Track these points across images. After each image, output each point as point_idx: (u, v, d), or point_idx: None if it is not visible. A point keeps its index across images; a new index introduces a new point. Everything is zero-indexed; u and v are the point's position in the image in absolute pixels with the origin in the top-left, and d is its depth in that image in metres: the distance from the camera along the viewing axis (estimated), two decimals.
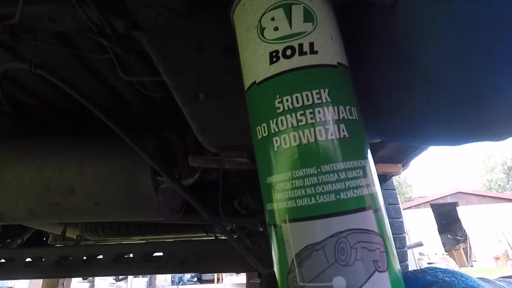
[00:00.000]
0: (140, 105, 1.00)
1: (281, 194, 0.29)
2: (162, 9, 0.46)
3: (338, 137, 0.30)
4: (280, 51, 0.32)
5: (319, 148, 0.29)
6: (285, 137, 0.30)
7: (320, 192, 0.28)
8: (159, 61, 0.50)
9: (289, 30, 0.32)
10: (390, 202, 1.65)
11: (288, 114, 0.30)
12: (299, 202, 0.28)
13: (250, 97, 0.35)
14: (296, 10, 0.33)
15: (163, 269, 1.26)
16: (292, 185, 0.29)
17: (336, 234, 0.27)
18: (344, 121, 0.31)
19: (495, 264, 11.60)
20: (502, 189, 24.05)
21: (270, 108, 0.31)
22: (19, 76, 0.85)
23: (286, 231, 0.29)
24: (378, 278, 0.27)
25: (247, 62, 0.35)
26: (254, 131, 0.34)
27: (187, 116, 0.54)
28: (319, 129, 0.30)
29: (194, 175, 0.96)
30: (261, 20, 0.34)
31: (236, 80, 0.50)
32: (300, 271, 0.28)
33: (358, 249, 0.27)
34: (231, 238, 0.95)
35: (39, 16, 0.53)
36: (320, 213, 0.28)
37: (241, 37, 0.36)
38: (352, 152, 0.30)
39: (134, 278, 11.26)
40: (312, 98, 0.30)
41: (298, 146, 0.29)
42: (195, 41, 0.49)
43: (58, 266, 1.30)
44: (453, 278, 0.33)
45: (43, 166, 0.84)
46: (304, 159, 0.29)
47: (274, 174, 0.30)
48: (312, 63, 0.32)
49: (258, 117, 0.33)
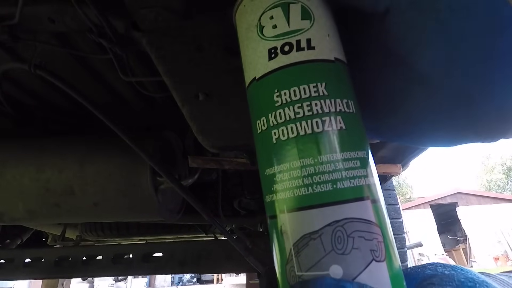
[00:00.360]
0: (140, 106, 1.00)
1: (280, 185, 0.30)
2: (162, 10, 0.46)
3: (335, 128, 0.31)
4: (278, 47, 0.33)
5: (316, 139, 0.30)
6: (283, 129, 0.31)
7: (317, 182, 0.28)
8: (159, 62, 0.50)
9: (287, 27, 0.34)
10: (390, 203, 1.65)
11: (286, 107, 0.31)
12: (296, 192, 0.29)
13: (251, 93, 0.36)
14: (294, 8, 0.34)
15: (162, 269, 1.26)
16: (290, 175, 0.30)
17: (333, 223, 0.27)
18: (341, 113, 0.31)
19: (494, 264, 11.60)
20: (501, 190, 24.06)
21: (269, 102, 0.32)
22: (19, 77, 0.84)
23: (284, 221, 0.30)
24: (376, 267, 0.27)
25: (248, 60, 0.36)
26: (254, 126, 0.35)
27: (186, 117, 0.54)
28: (316, 120, 0.30)
29: (194, 175, 0.96)
30: (260, 19, 0.35)
31: (236, 80, 0.50)
32: (297, 261, 0.28)
33: (355, 238, 0.27)
34: (230, 238, 0.95)
35: (38, 16, 0.53)
36: (317, 202, 0.28)
37: (242, 37, 0.37)
38: (349, 143, 0.31)
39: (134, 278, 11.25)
40: (310, 91, 0.31)
41: (296, 138, 0.30)
42: (195, 42, 0.49)
43: (58, 266, 1.30)
44: (453, 271, 0.33)
45: (42, 166, 0.84)
46: (301, 150, 0.30)
47: (273, 166, 0.31)
48: (309, 58, 0.33)
49: (258, 112, 0.34)
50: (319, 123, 0.30)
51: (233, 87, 0.50)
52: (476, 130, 0.41)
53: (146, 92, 0.79)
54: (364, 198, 0.29)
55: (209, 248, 1.24)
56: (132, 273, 1.31)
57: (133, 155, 0.80)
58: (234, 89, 0.51)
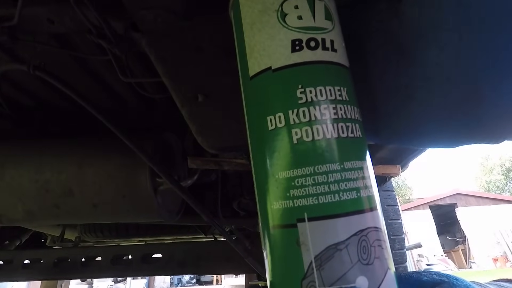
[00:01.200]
0: (139, 107, 1.00)
1: (300, 190, 0.27)
2: (162, 11, 0.45)
3: (356, 136, 0.30)
4: (304, 40, 0.31)
5: (342, 145, 0.29)
6: (307, 130, 0.29)
7: (343, 189, 0.27)
8: (158, 63, 0.50)
9: (312, 22, 0.32)
10: (389, 204, 1.65)
11: (312, 106, 0.29)
12: (321, 199, 0.27)
13: (260, 84, 0.32)
14: (319, 5, 0.33)
15: (162, 270, 1.26)
16: (314, 180, 0.27)
17: (358, 233, 0.27)
18: (357, 121, 0.31)
19: (493, 265, 11.61)
20: (500, 191, 24.09)
21: (290, 98, 0.30)
22: (18, 78, 0.84)
23: (303, 231, 0.27)
24: (389, 276, 0.27)
25: (259, 45, 0.33)
26: (260, 122, 0.31)
27: (186, 118, 0.54)
28: (341, 125, 0.29)
29: (193, 176, 0.96)
30: (283, 5, 0.32)
31: (235, 81, 0.50)
32: (320, 275, 0.25)
33: (375, 247, 0.27)
34: (230, 239, 0.95)
35: (38, 17, 0.53)
36: (344, 210, 0.27)
37: (252, 18, 0.34)
38: (365, 152, 0.31)
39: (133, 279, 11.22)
40: (335, 94, 0.30)
41: (321, 140, 0.28)
42: (194, 43, 0.49)
43: (57, 268, 1.30)
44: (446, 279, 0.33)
45: (41, 167, 0.84)
46: (328, 154, 0.28)
47: (291, 169, 0.28)
48: (334, 60, 0.32)
49: (272, 106, 0.31)
50: (344, 128, 0.29)
51: (232, 88, 0.50)
52: (481, 129, 0.39)
53: (145, 93, 0.79)
54: (377, 206, 0.29)
55: (208, 249, 1.24)
56: (131, 274, 1.31)
57: (133, 156, 0.80)
58: (233, 90, 0.51)
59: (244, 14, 0.35)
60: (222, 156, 0.89)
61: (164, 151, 0.92)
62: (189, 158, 0.87)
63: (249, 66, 0.34)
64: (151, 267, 1.26)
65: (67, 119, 1.02)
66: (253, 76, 0.33)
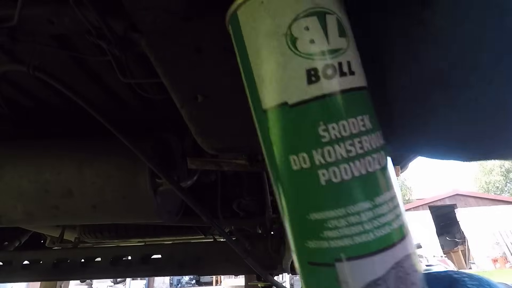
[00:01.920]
0: (139, 107, 1.00)
1: (335, 232, 0.27)
2: (161, 11, 0.45)
3: (383, 165, 0.28)
4: (320, 69, 0.28)
5: (370, 180, 0.27)
6: (334, 170, 0.27)
7: (377, 226, 0.27)
8: (158, 63, 0.50)
9: (326, 45, 0.28)
10: None
11: (336, 145, 0.27)
12: (357, 240, 0.26)
13: (277, 119, 0.29)
14: (331, 21, 0.29)
15: (161, 271, 1.26)
16: (348, 222, 0.26)
17: (395, 265, 0.26)
18: (382, 147, 0.29)
19: (493, 266, 11.61)
20: (500, 191, 24.12)
21: (311, 136, 0.28)
22: (17, 78, 0.84)
23: (342, 270, 0.27)
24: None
25: (270, 76, 0.29)
26: (282, 160, 0.29)
27: (185, 118, 0.54)
28: (368, 159, 0.28)
29: (193, 177, 0.96)
30: (291, 28, 0.28)
31: (235, 81, 0.50)
32: None
33: (411, 274, 0.27)
34: (229, 240, 0.95)
35: (37, 18, 0.53)
36: (380, 247, 0.26)
37: (258, 43, 0.30)
38: (391, 180, 0.29)
39: (132, 280, 11.22)
40: (358, 126, 0.28)
41: (351, 180, 0.27)
42: (194, 43, 0.49)
43: (56, 269, 1.29)
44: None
45: (41, 168, 0.83)
46: (358, 193, 0.27)
47: (323, 211, 0.27)
48: (352, 86, 0.29)
49: (292, 145, 0.29)
50: (371, 162, 0.28)
51: (232, 88, 0.50)
52: (503, 146, 0.35)
53: (145, 94, 0.79)
54: (408, 232, 0.28)
55: (208, 250, 1.24)
56: (130, 275, 1.31)
57: (132, 157, 0.80)
58: (233, 91, 0.51)
59: (247, 36, 0.31)
60: (222, 157, 0.89)
61: (163, 152, 0.92)
62: (188, 159, 0.87)
63: (261, 99, 0.31)
64: (150, 268, 1.26)
65: (66, 120, 1.02)
66: (268, 108, 0.30)
